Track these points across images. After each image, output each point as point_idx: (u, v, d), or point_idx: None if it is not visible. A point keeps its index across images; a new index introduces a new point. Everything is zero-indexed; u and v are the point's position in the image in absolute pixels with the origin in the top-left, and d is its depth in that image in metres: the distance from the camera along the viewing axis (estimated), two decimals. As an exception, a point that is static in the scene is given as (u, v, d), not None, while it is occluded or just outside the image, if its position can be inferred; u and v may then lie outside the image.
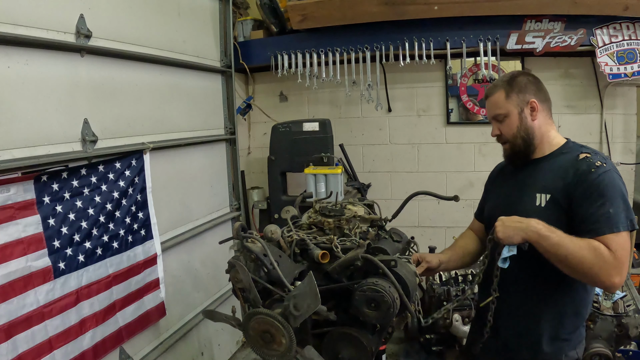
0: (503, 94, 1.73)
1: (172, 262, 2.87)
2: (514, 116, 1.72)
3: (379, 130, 4.06)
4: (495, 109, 1.76)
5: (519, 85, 1.72)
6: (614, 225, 1.48)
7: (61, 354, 1.95)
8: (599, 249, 1.44)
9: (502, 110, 1.73)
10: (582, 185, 1.54)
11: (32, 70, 1.92)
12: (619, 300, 2.62)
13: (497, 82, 1.79)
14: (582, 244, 1.46)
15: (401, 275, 1.56)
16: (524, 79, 1.74)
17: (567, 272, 1.51)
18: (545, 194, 1.63)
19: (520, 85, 1.72)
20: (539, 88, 1.74)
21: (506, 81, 1.75)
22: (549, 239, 1.47)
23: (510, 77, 1.76)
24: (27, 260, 1.82)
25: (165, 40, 2.84)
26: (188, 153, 3.09)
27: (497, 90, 1.75)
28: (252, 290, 1.54)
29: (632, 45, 3.28)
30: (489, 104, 1.79)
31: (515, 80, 1.73)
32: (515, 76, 1.75)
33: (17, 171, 1.81)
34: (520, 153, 1.74)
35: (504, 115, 1.73)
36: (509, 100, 1.72)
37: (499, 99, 1.74)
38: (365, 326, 1.61)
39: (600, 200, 1.51)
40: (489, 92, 1.80)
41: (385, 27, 3.57)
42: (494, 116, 1.77)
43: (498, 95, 1.74)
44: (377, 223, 2.09)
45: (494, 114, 1.77)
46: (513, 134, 1.73)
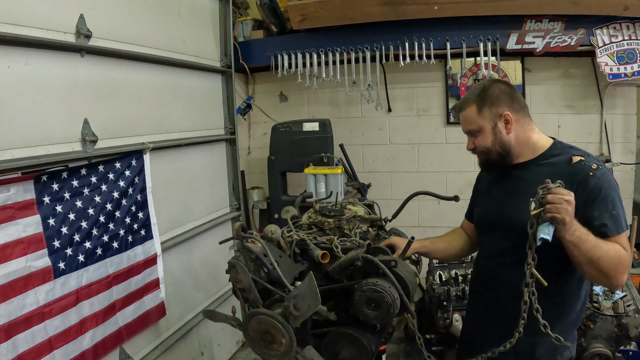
0: (475, 109, 1.66)
1: (172, 262, 2.86)
2: (487, 131, 1.66)
3: (379, 130, 4.06)
4: (467, 125, 1.70)
5: (491, 98, 1.64)
6: (619, 226, 1.52)
7: (61, 354, 1.95)
8: (620, 250, 1.47)
9: (474, 126, 1.68)
10: (585, 191, 1.52)
11: (32, 70, 1.92)
12: (619, 300, 2.62)
13: (468, 95, 1.72)
14: (610, 246, 1.47)
15: (401, 276, 1.56)
16: (496, 90, 1.66)
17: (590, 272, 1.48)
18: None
19: (492, 97, 1.64)
20: (513, 97, 1.67)
21: (477, 94, 1.67)
22: (588, 241, 1.43)
23: (482, 89, 1.68)
24: (27, 260, 1.82)
25: (165, 40, 2.84)
26: (188, 153, 3.09)
27: (469, 105, 1.68)
28: (252, 290, 1.54)
29: (632, 45, 3.28)
30: (462, 118, 1.73)
31: (486, 93, 1.66)
32: (486, 88, 1.67)
33: (17, 171, 1.81)
34: (495, 164, 1.70)
35: (476, 131, 1.68)
36: (481, 115, 1.65)
37: (470, 114, 1.68)
38: (366, 326, 1.61)
39: (604, 204, 1.52)
40: (460, 105, 1.73)
41: (385, 27, 3.57)
42: (467, 131, 1.72)
43: (470, 110, 1.68)
44: (377, 223, 2.09)
45: (467, 129, 1.72)
46: (487, 148, 1.68)
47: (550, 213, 1.36)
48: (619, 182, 3.93)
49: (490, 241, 1.77)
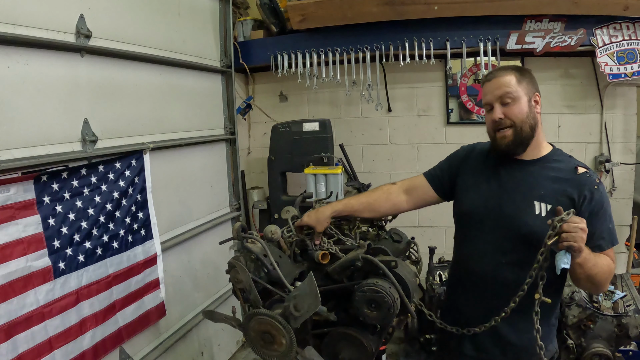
0: (514, 78, 1.62)
1: (172, 262, 2.86)
2: (524, 102, 1.61)
3: (379, 130, 4.06)
4: (504, 88, 1.60)
5: (529, 75, 1.66)
6: (614, 240, 1.59)
7: (61, 354, 1.95)
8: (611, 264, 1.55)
9: (513, 90, 1.60)
10: (590, 204, 1.55)
11: (32, 70, 1.92)
12: (619, 300, 2.62)
13: (503, 67, 1.67)
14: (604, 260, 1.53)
15: (401, 276, 1.56)
16: (529, 73, 1.68)
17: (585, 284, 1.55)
18: (545, 204, 1.58)
19: (530, 75, 1.66)
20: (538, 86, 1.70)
21: (515, 68, 1.66)
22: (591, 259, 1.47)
23: (518, 66, 1.69)
24: (27, 260, 1.82)
25: (165, 40, 2.84)
26: (188, 153, 3.09)
27: (507, 74, 1.63)
28: (252, 290, 1.54)
29: (632, 45, 3.28)
30: (496, 84, 1.63)
31: (524, 70, 1.67)
32: (522, 67, 1.69)
33: (17, 171, 1.81)
34: (523, 142, 1.62)
35: (514, 97, 1.60)
36: (520, 85, 1.61)
37: (509, 80, 1.61)
38: (366, 326, 1.61)
39: (604, 218, 1.57)
40: (494, 74, 1.66)
41: (385, 27, 3.57)
42: (502, 95, 1.60)
43: (509, 78, 1.61)
44: (377, 223, 2.09)
45: (502, 92, 1.60)
46: (522, 119, 1.60)
47: (568, 242, 1.36)
48: (619, 182, 3.95)
49: (482, 238, 1.70)
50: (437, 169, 1.92)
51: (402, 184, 1.93)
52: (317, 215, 1.78)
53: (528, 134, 1.61)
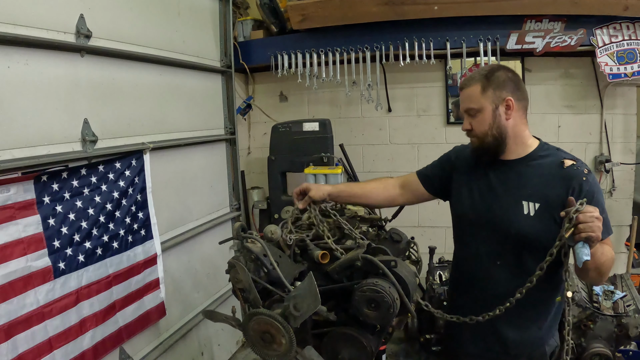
0: (479, 88, 1.63)
1: (172, 262, 2.86)
2: (487, 112, 1.63)
3: (379, 130, 4.06)
4: (468, 102, 1.67)
5: (497, 81, 1.62)
6: (609, 229, 1.55)
7: (61, 354, 1.95)
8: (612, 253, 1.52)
9: (475, 105, 1.64)
10: (580, 195, 1.52)
11: (32, 70, 1.92)
12: (619, 300, 2.62)
13: (474, 75, 1.68)
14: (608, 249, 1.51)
15: (401, 276, 1.56)
16: (503, 74, 1.64)
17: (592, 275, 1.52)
18: (533, 203, 1.58)
19: (499, 80, 1.63)
20: (518, 86, 1.66)
21: (484, 75, 1.65)
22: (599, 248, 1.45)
23: (489, 70, 1.66)
24: (27, 260, 1.82)
25: (165, 40, 2.84)
26: (188, 153, 3.09)
27: (473, 83, 1.65)
28: (252, 290, 1.54)
29: (632, 45, 3.28)
30: (463, 96, 1.69)
31: (494, 74, 1.64)
32: (494, 70, 1.65)
33: (17, 171, 1.81)
34: (489, 151, 1.67)
35: (476, 110, 1.64)
36: (484, 95, 1.63)
37: (473, 92, 1.64)
38: (365, 326, 1.61)
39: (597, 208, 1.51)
40: (464, 83, 1.69)
41: (385, 27, 3.57)
42: (467, 110, 1.68)
43: (474, 89, 1.64)
44: (377, 223, 2.09)
45: (466, 107, 1.68)
46: (484, 131, 1.65)
47: (586, 233, 1.34)
48: (618, 182, 3.94)
49: (476, 241, 1.73)
50: (428, 168, 1.99)
51: (398, 178, 2.02)
52: (318, 185, 1.91)
53: (491, 143, 1.65)
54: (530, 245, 1.58)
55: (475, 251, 1.72)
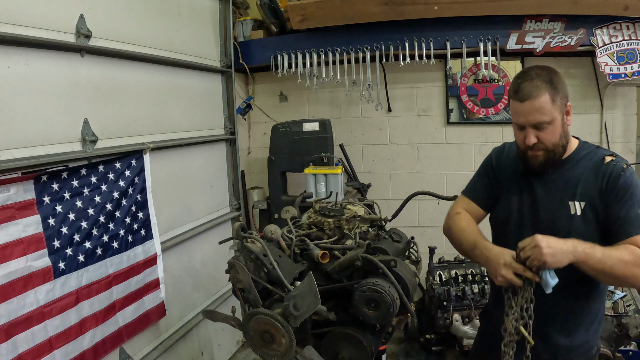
0: (549, 98, 1.49)
1: (172, 262, 2.87)
2: (557, 123, 1.52)
3: (379, 130, 4.06)
4: (539, 116, 1.50)
5: (561, 87, 1.52)
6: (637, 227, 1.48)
7: (61, 354, 1.95)
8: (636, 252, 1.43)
9: (547, 117, 1.50)
10: (615, 189, 1.51)
11: (32, 70, 1.92)
12: (619, 300, 2.62)
13: (537, 83, 1.50)
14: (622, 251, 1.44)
15: (401, 276, 1.56)
16: (561, 78, 1.53)
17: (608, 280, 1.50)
18: (579, 202, 1.54)
19: (562, 86, 1.52)
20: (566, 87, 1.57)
21: (549, 82, 1.50)
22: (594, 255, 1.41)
23: (549, 75, 1.52)
24: (27, 260, 1.82)
25: (165, 40, 2.84)
26: (188, 153, 3.09)
27: (542, 93, 1.49)
28: (252, 290, 1.54)
29: (632, 45, 3.28)
30: (531, 107, 1.50)
31: (558, 79, 1.52)
32: (552, 74, 1.53)
33: (17, 171, 1.81)
34: (554, 162, 1.57)
35: (548, 123, 1.51)
36: (554, 106, 1.50)
37: (544, 103, 1.49)
38: (365, 326, 1.61)
39: (630, 202, 1.49)
40: (530, 93, 1.50)
41: (385, 27, 3.57)
42: (537, 124, 1.52)
43: (543, 100, 1.49)
44: (377, 223, 2.09)
45: (537, 120, 1.51)
46: (554, 143, 1.54)
47: (535, 263, 1.40)
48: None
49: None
50: (474, 185, 1.86)
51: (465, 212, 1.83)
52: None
53: (560, 154, 1.57)
54: None
55: None
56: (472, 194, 1.84)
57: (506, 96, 3.71)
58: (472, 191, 1.85)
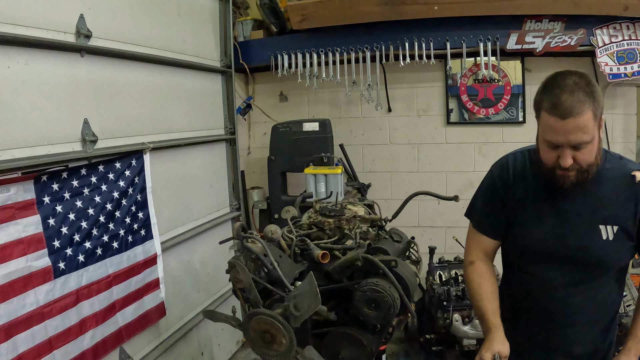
0: (591, 114, 1.29)
1: (172, 262, 2.86)
2: (596, 141, 1.34)
3: (379, 130, 4.06)
4: (581, 135, 1.30)
5: (600, 98, 1.33)
6: None
7: (61, 354, 1.95)
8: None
9: (589, 137, 1.31)
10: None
11: (32, 70, 1.92)
12: (619, 300, 2.62)
13: (579, 96, 1.29)
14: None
15: (401, 276, 1.56)
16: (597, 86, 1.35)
17: None
18: (611, 226, 1.43)
19: (601, 97, 1.34)
20: None
21: (591, 94, 1.31)
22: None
23: (589, 86, 1.32)
24: (27, 260, 1.82)
25: (165, 40, 2.84)
26: (188, 153, 3.09)
27: (587, 109, 1.29)
28: (252, 290, 1.54)
29: (632, 45, 3.28)
30: (573, 125, 1.29)
31: (596, 91, 1.33)
32: (591, 83, 1.34)
33: (17, 171, 1.81)
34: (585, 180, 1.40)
35: (588, 142, 1.32)
36: (595, 123, 1.32)
37: (588, 121, 1.29)
38: (365, 326, 1.61)
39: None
40: (573, 108, 1.28)
41: (385, 27, 3.57)
42: (578, 144, 1.32)
43: (587, 117, 1.29)
44: (377, 223, 2.09)
45: (579, 141, 1.31)
46: (590, 163, 1.36)
47: None
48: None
49: (551, 272, 1.52)
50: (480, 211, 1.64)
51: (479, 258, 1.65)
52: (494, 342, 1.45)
53: (593, 173, 1.40)
54: (612, 270, 1.48)
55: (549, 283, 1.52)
56: (483, 226, 1.63)
57: (506, 96, 3.71)
58: (482, 222, 1.63)
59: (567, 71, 1.41)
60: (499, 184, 1.58)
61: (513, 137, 3.72)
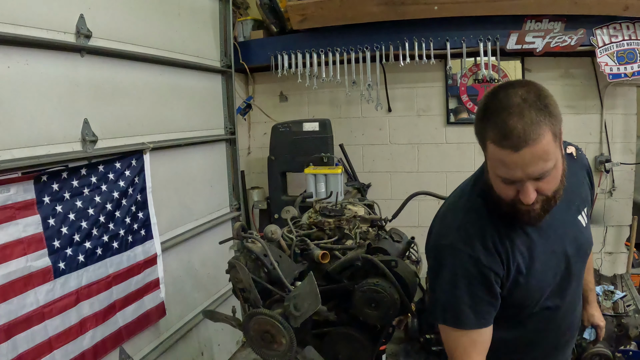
0: (550, 135, 1.06)
1: (172, 262, 2.86)
2: (559, 163, 1.12)
3: (379, 130, 4.06)
4: (542, 164, 1.06)
5: (556, 110, 1.09)
6: None
7: (61, 354, 1.95)
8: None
9: (552, 163, 1.08)
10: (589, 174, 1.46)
11: (32, 70, 1.92)
12: (619, 300, 2.62)
13: (531, 116, 1.03)
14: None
15: (401, 276, 1.56)
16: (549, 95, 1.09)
17: None
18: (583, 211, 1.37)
19: (557, 111, 1.09)
20: None
21: (543, 109, 1.05)
22: None
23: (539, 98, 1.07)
24: (27, 260, 1.82)
25: (165, 40, 2.84)
26: (188, 153, 3.09)
27: (544, 132, 1.04)
28: (252, 290, 1.54)
29: (632, 45, 3.28)
30: (530, 156, 1.04)
31: (550, 102, 1.08)
32: (542, 94, 1.08)
33: (17, 171, 1.81)
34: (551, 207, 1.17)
35: (552, 169, 1.09)
36: (555, 144, 1.08)
37: (548, 145, 1.05)
38: (365, 326, 1.61)
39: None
40: (527, 135, 1.03)
41: (385, 27, 3.57)
42: (539, 175, 1.08)
43: (547, 141, 1.05)
44: (377, 223, 2.09)
45: (541, 171, 1.07)
46: (555, 189, 1.13)
47: None
48: (619, 182, 3.94)
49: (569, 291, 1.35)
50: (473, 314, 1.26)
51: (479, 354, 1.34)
52: None
53: (560, 196, 1.16)
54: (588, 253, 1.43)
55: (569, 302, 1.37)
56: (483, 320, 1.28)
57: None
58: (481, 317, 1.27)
59: (509, 84, 1.13)
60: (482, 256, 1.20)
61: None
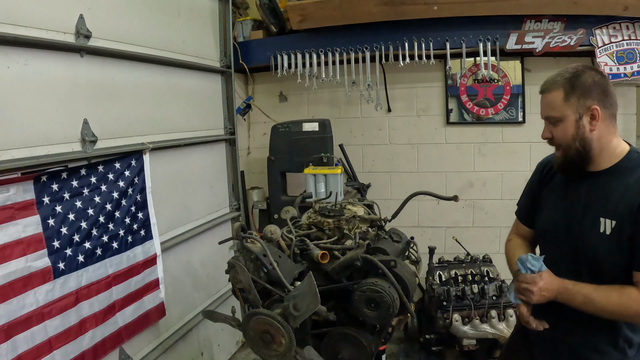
0: (561, 95, 1.48)
1: (171, 262, 2.86)
2: (570, 122, 1.48)
3: (378, 130, 4.06)
4: (548, 110, 1.52)
5: (583, 87, 1.45)
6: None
7: (61, 354, 1.95)
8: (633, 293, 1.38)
9: (556, 113, 1.50)
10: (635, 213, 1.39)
11: (31, 70, 1.92)
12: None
13: (557, 78, 1.50)
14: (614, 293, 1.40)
15: (401, 276, 1.56)
16: (589, 78, 1.46)
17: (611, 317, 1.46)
18: (610, 220, 1.43)
19: (585, 86, 1.45)
20: (606, 92, 1.47)
21: (568, 79, 1.48)
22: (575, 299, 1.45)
23: (574, 73, 1.48)
24: (27, 260, 1.82)
25: (165, 40, 2.84)
26: (188, 153, 3.09)
27: (555, 89, 1.49)
28: (251, 290, 1.54)
29: (631, 45, 3.28)
30: (544, 101, 1.54)
31: (579, 79, 1.46)
32: (579, 74, 1.47)
33: (17, 171, 1.81)
34: (574, 164, 1.52)
35: (557, 119, 1.50)
36: (567, 103, 1.47)
37: (555, 99, 1.49)
38: (365, 326, 1.61)
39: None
40: (545, 87, 1.53)
41: (385, 27, 3.57)
42: (547, 117, 1.54)
43: (555, 95, 1.49)
44: (377, 223, 2.09)
45: (546, 114, 1.54)
46: (567, 143, 1.50)
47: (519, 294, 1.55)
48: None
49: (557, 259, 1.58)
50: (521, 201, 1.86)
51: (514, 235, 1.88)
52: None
53: (575, 156, 1.50)
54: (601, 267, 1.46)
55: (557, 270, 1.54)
56: (520, 214, 1.86)
57: (506, 96, 3.72)
58: (520, 211, 1.86)
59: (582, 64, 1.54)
60: (536, 177, 1.77)
61: (513, 137, 3.72)
